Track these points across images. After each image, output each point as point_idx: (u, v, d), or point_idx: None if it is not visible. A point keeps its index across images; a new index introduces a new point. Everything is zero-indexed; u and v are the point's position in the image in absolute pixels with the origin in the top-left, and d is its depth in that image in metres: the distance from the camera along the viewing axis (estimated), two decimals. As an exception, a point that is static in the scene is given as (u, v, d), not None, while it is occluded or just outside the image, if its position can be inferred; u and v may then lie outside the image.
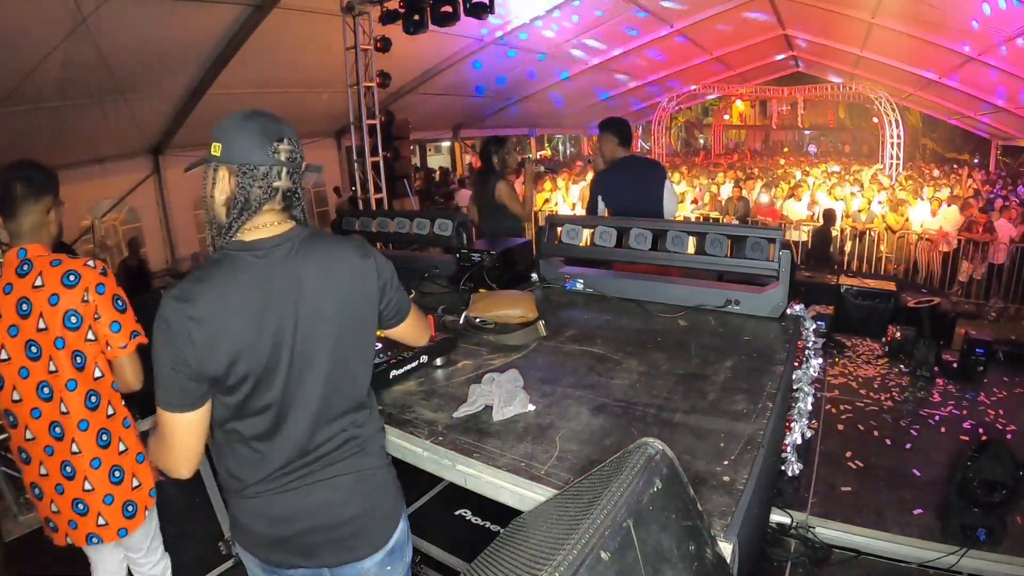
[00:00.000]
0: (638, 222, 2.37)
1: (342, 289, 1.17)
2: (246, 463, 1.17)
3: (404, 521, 1.34)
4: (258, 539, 1.22)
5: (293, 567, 1.23)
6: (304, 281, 1.13)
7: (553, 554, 0.76)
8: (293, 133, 1.14)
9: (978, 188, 10.63)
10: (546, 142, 21.18)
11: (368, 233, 3.13)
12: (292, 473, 1.18)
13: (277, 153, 1.11)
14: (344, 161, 10.52)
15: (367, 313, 1.22)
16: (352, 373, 1.22)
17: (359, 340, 1.22)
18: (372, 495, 1.26)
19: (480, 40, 9.55)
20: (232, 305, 1.08)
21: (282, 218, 1.16)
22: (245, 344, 1.09)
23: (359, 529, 1.24)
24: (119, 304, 1.62)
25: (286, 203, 1.15)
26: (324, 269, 1.15)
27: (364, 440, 1.25)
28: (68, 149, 6.66)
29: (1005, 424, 3.12)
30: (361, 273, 1.19)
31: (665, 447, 0.96)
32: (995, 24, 8.01)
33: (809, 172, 13.03)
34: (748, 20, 12.03)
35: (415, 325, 1.41)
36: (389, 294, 1.26)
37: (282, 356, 1.12)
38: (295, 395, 1.15)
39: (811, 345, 2.14)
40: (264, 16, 6.21)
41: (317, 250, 1.16)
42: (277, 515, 1.19)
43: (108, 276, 1.63)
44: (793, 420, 2.21)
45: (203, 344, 1.05)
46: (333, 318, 1.16)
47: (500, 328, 2.01)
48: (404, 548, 1.33)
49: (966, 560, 2.16)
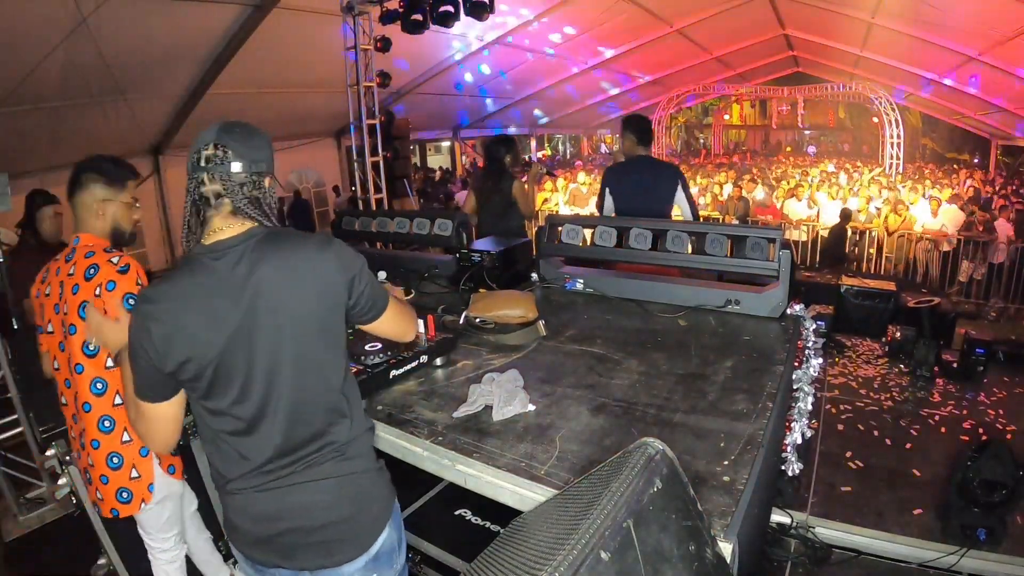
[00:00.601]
0: (638, 222, 2.37)
1: (303, 286, 1.16)
2: (227, 459, 1.20)
3: (393, 527, 1.30)
4: (242, 536, 1.25)
5: (275, 567, 1.25)
6: (262, 280, 1.13)
7: (553, 554, 0.76)
8: (228, 138, 1.16)
9: (978, 188, 10.63)
10: (546, 142, 21.18)
11: (368, 233, 3.13)
12: (272, 473, 1.19)
13: (200, 160, 1.15)
14: (344, 161, 10.52)
15: (333, 309, 1.20)
16: (321, 370, 1.21)
17: (326, 336, 1.20)
18: (356, 500, 1.24)
19: (480, 40, 9.55)
20: (188, 305, 1.12)
21: (236, 220, 1.17)
22: (200, 342, 1.12)
23: (339, 534, 1.22)
24: (129, 304, 1.62)
25: (234, 206, 1.16)
26: (283, 267, 1.15)
27: (344, 443, 1.23)
28: (68, 149, 6.63)
29: (1005, 424, 3.12)
30: (323, 268, 1.18)
31: (665, 447, 0.96)
32: (995, 24, 8.01)
33: (808, 172, 13.03)
34: (748, 20, 12.02)
35: (396, 320, 1.36)
36: (358, 288, 1.23)
37: (239, 355, 1.14)
38: (264, 394, 1.16)
39: (811, 345, 2.14)
40: (264, 16, 6.21)
41: (275, 248, 1.16)
42: (259, 513, 1.21)
43: (127, 274, 1.65)
44: (793, 420, 2.21)
45: (161, 340, 1.11)
46: (295, 316, 1.15)
47: (500, 328, 2.01)
48: (392, 554, 1.30)
49: (966, 560, 2.15)
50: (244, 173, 1.16)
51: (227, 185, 1.15)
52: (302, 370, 1.18)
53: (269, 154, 1.23)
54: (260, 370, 1.15)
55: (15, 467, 3.14)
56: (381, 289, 1.31)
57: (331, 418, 1.22)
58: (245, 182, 1.16)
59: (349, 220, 3.23)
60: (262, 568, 1.26)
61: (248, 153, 1.17)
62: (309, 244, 1.19)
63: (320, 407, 1.21)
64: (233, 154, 1.15)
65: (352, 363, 1.64)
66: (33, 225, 3.20)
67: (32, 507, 3.03)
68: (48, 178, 6.20)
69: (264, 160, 1.21)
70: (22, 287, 3.17)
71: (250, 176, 1.17)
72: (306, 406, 1.19)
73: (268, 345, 1.15)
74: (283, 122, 8.74)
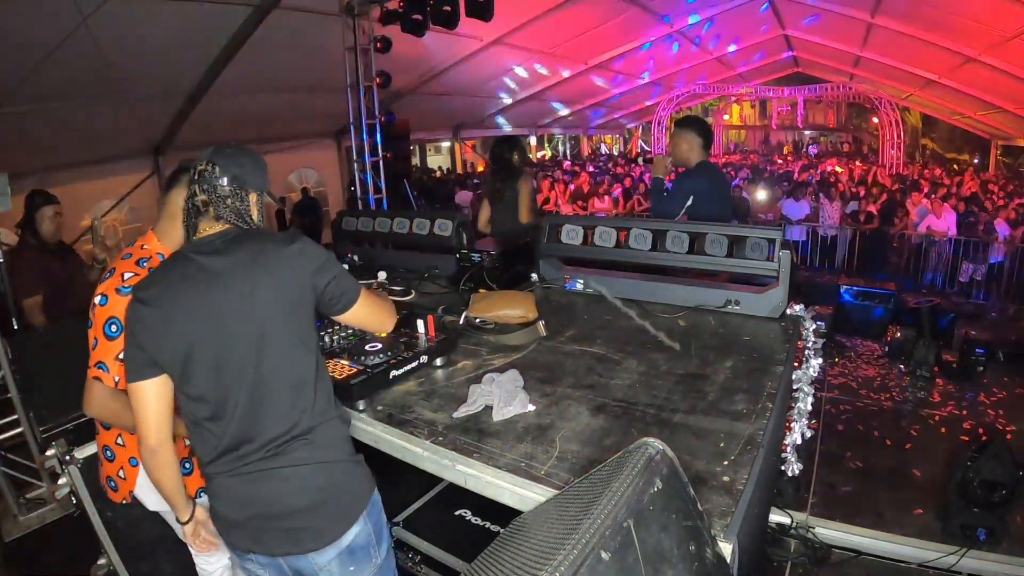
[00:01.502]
0: (638, 222, 2.37)
1: (269, 277, 1.25)
2: (203, 443, 1.30)
3: (369, 521, 1.33)
4: (220, 520, 1.34)
5: (248, 551, 1.31)
6: (233, 272, 1.25)
7: (553, 554, 0.76)
8: (218, 157, 1.33)
9: (977, 189, 10.63)
10: (546, 142, 21.18)
11: (368, 233, 3.13)
12: (243, 458, 1.26)
13: (195, 174, 1.33)
14: (344, 161, 10.52)
15: (298, 299, 1.29)
16: (288, 359, 1.27)
17: (291, 326, 1.28)
18: (324, 490, 1.29)
19: (480, 40, 9.55)
20: (169, 292, 1.25)
21: (218, 224, 1.33)
22: (176, 328, 1.23)
23: (304, 522, 1.27)
24: (109, 330, 1.55)
25: (216, 212, 1.32)
26: (249, 260, 1.26)
27: (312, 432, 1.28)
28: (68, 149, 6.65)
29: (1005, 424, 3.12)
30: (288, 261, 1.28)
31: (665, 447, 0.96)
32: (995, 24, 8.01)
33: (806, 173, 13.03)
34: (748, 20, 12.03)
35: (370, 311, 1.44)
36: (324, 279, 1.31)
37: (210, 341, 1.23)
38: (231, 380, 1.24)
39: (811, 345, 2.14)
40: (264, 16, 6.20)
41: (244, 244, 1.28)
42: (231, 498, 1.29)
43: (124, 297, 1.51)
44: (793, 420, 2.21)
45: (148, 323, 1.24)
46: (260, 305, 1.24)
47: (500, 328, 2.01)
48: (369, 549, 1.33)
49: (966, 560, 2.16)
50: (229, 187, 1.32)
51: (212, 196, 1.32)
52: (268, 358, 1.25)
53: (256, 173, 1.38)
54: (228, 357, 1.24)
55: (15, 467, 3.14)
56: (351, 281, 1.39)
57: (298, 407, 1.28)
58: (229, 195, 1.33)
59: (349, 220, 3.23)
60: (240, 554, 1.34)
61: (234, 171, 1.33)
62: (275, 239, 1.31)
63: (286, 395, 1.27)
64: (221, 171, 1.32)
65: (352, 363, 1.64)
66: (33, 225, 3.20)
67: (32, 507, 3.03)
68: (48, 178, 6.22)
69: (249, 177, 1.35)
70: (22, 287, 3.18)
71: (234, 190, 1.33)
72: (272, 393, 1.26)
73: (236, 333, 1.24)
74: (283, 122, 8.74)
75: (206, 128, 7.34)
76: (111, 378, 1.54)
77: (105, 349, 1.55)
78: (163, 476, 1.36)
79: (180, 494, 1.42)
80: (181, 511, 1.46)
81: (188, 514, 1.47)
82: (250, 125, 8.00)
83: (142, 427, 1.29)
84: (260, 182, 1.38)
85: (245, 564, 1.35)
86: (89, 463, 1.95)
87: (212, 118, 7.36)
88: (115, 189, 7.56)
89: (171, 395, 1.30)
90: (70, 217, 4.48)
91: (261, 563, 1.32)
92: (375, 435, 1.52)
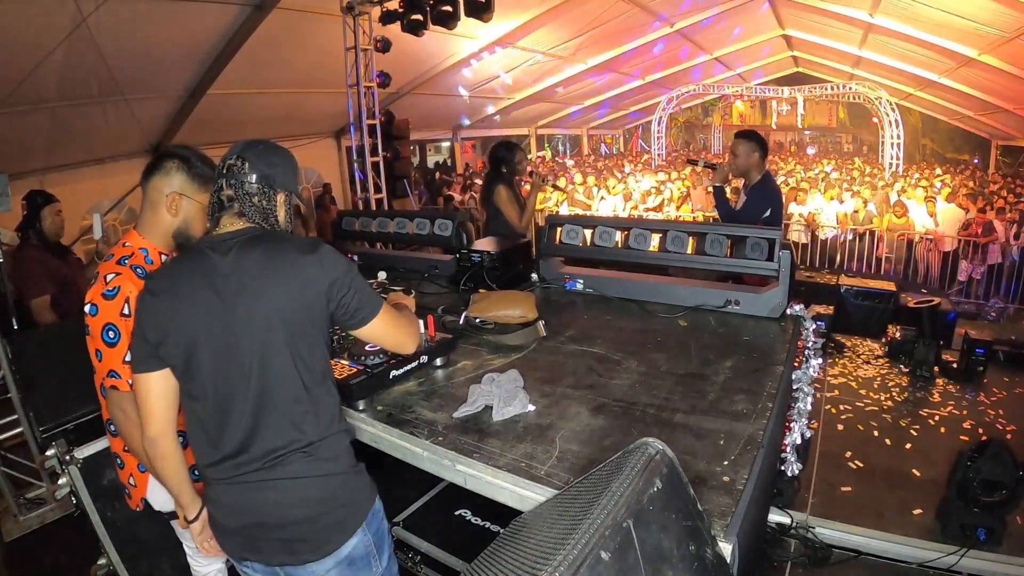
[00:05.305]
0: (638, 222, 2.37)
1: (280, 282, 1.21)
2: (201, 445, 1.27)
3: (369, 532, 1.31)
4: (218, 526, 1.32)
5: (244, 559, 1.30)
6: (244, 274, 1.21)
7: (553, 554, 0.76)
8: (250, 152, 1.28)
9: (976, 188, 10.62)
10: (546, 142, 21.16)
11: (368, 233, 3.13)
12: (242, 466, 1.24)
13: (224, 168, 1.29)
14: (344, 161, 10.51)
15: (310, 311, 1.23)
16: (293, 366, 1.23)
17: (299, 334, 1.23)
18: (322, 503, 1.26)
19: (480, 40, 9.55)
20: (178, 285, 1.23)
21: (240, 221, 1.28)
22: (181, 321, 1.21)
23: (300, 534, 1.24)
24: (108, 337, 1.48)
25: (240, 208, 1.28)
26: (263, 264, 1.22)
27: (313, 444, 1.25)
28: (68, 149, 6.65)
29: (1005, 424, 3.12)
30: (302, 270, 1.22)
31: (665, 447, 0.96)
32: (995, 24, 8.01)
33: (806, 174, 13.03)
34: (748, 20, 12.03)
35: (387, 331, 1.37)
36: (340, 292, 1.25)
37: (215, 339, 1.21)
38: (235, 382, 1.21)
39: (811, 345, 2.14)
40: (264, 16, 6.19)
41: (260, 247, 1.24)
42: (229, 505, 1.27)
43: (112, 301, 1.47)
44: (793, 420, 2.21)
45: (153, 313, 1.22)
46: (268, 312, 1.20)
47: (500, 328, 2.01)
48: (369, 559, 1.31)
49: (966, 560, 2.15)
50: (257, 185, 1.28)
51: (239, 192, 1.27)
52: (272, 364, 1.21)
53: (287, 173, 1.32)
54: (231, 358, 1.21)
55: (15, 467, 3.14)
56: (370, 297, 1.32)
57: (301, 416, 1.24)
58: (256, 193, 1.28)
59: (349, 220, 3.23)
60: (238, 561, 1.32)
61: (264, 169, 1.28)
62: (294, 245, 1.25)
63: (289, 403, 1.23)
64: (250, 167, 1.28)
65: (352, 363, 1.64)
66: (33, 225, 3.20)
67: (32, 507, 3.03)
68: (48, 178, 6.22)
69: (280, 177, 1.30)
70: (30, 287, 3.18)
71: (262, 188, 1.28)
72: (275, 403, 1.23)
73: (240, 335, 1.20)
74: (283, 122, 8.73)
75: (206, 128, 7.34)
76: (124, 383, 1.48)
77: (110, 357, 1.49)
78: (164, 467, 1.33)
79: (186, 489, 1.39)
80: (188, 507, 1.42)
81: (196, 511, 1.43)
82: (250, 125, 7.99)
83: (144, 417, 1.27)
84: (290, 183, 1.33)
85: (243, 569, 1.34)
86: (89, 463, 1.95)
87: (212, 118, 7.36)
88: (114, 189, 7.56)
89: (175, 390, 1.27)
90: (70, 217, 4.47)
91: (258, 570, 1.30)
92: (375, 435, 1.52)
